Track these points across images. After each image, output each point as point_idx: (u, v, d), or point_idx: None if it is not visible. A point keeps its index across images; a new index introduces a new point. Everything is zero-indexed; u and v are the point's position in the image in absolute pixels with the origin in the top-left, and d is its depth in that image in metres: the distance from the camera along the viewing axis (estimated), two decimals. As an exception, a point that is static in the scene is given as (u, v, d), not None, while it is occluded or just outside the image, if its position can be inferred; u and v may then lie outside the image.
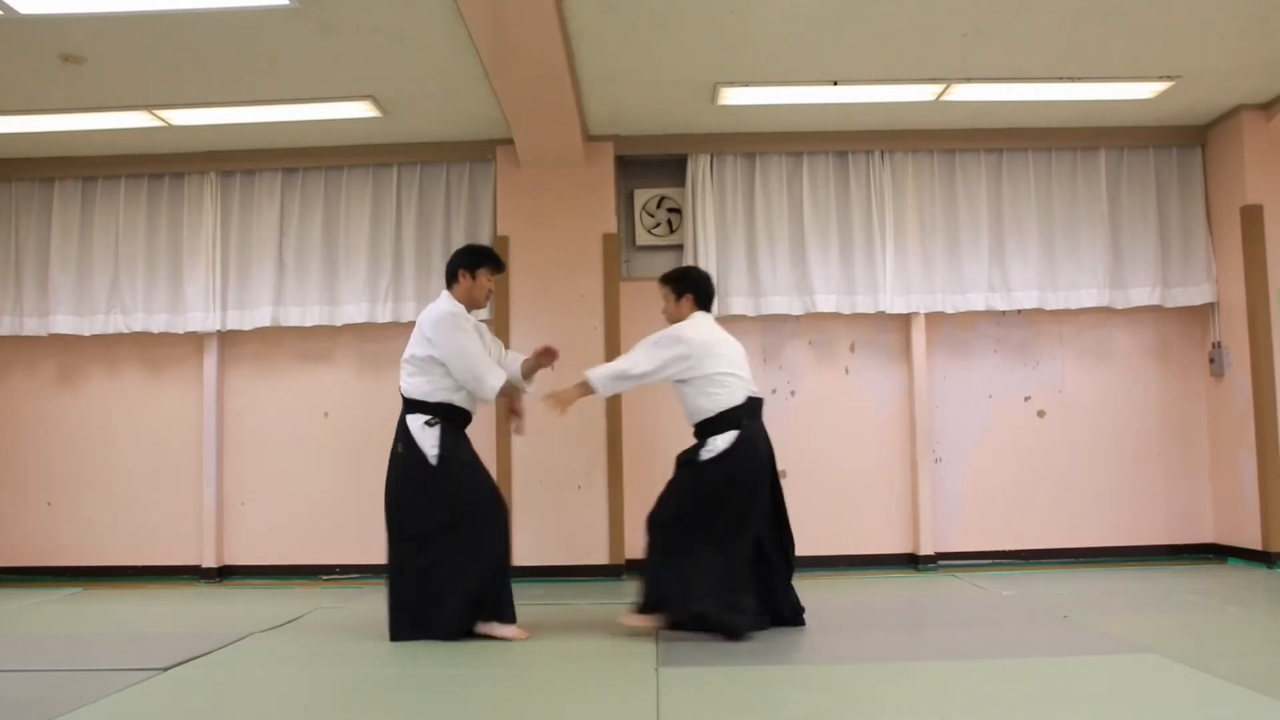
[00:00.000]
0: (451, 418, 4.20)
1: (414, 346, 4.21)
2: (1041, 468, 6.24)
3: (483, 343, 4.31)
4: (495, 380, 4.14)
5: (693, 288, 4.36)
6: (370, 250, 6.24)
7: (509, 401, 4.37)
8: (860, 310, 6.14)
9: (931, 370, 6.25)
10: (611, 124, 6.00)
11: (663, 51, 4.96)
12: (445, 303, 4.26)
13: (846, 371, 6.30)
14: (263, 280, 6.25)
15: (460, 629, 4.08)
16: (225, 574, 6.27)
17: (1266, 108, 5.86)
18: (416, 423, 4.15)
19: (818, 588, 5.41)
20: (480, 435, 4.62)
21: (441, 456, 4.10)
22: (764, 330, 6.28)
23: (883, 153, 6.22)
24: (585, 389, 4.20)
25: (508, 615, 4.13)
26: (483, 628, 4.11)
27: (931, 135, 6.17)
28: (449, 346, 4.13)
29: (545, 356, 4.32)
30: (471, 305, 4.32)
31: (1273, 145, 5.86)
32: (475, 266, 4.31)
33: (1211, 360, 6.20)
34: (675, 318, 4.32)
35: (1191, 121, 6.17)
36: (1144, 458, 6.27)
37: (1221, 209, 6.12)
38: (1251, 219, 5.86)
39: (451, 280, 4.32)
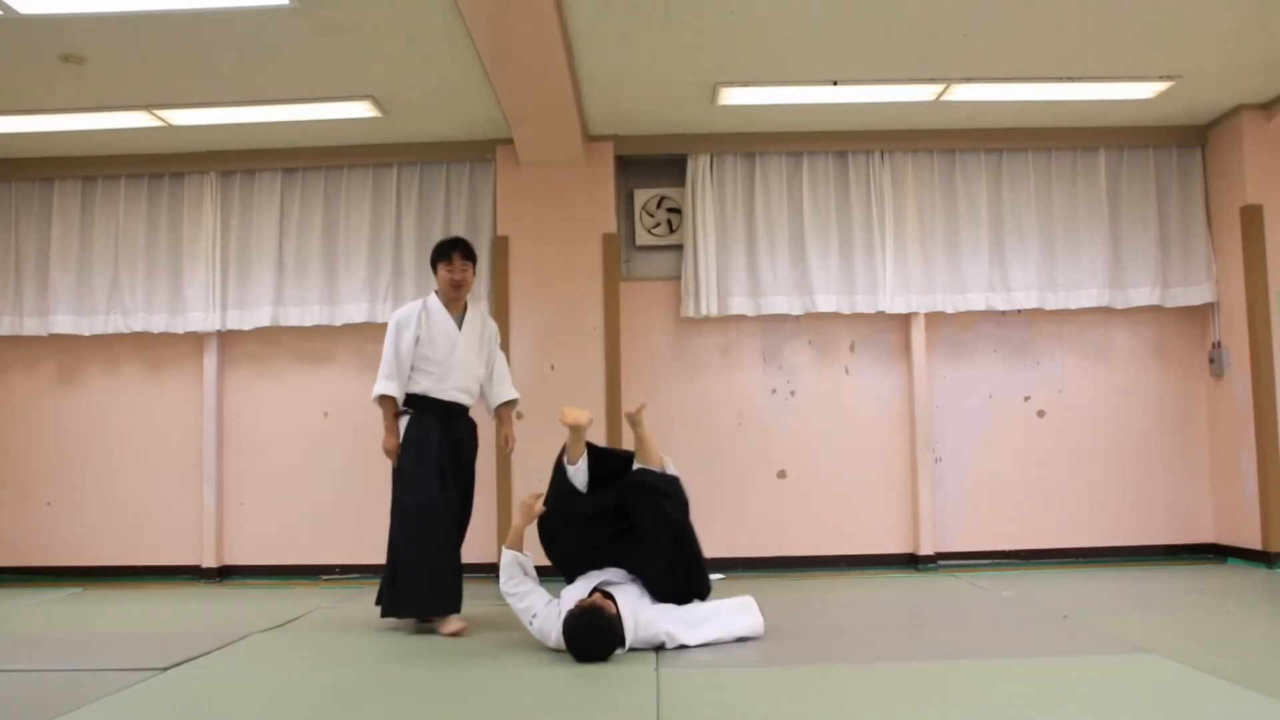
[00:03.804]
0: (426, 407, 4.45)
1: None
2: (1041, 468, 6.24)
3: (452, 342, 4.48)
4: (378, 388, 4.44)
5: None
6: (370, 250, 6.24)
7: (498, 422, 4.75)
8: (860, 310, 6.14)
9: (931, 370, 6.25)
10: (611, 124, 6.00)
11: (663, 51, 4.96)
12: (414, 302, 4.62)
13: (846, 371, 6.30)
14: (263, 280, 6.25)
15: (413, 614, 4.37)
16: (225, 574, 6.27)
17: (1266, 108, 5.86)
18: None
19: (818, 588, 5.41)
20: (483, 441, 4.66)
21: (402, 444, 4.41)
22: (764, 330, 6.28)
23: (883, 153, 6.22)
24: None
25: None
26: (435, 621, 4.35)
27: (931, 135, 6.17)
28: (386, 340, 4.49)
29: (506, 441, 4.70)
30: (444, 298, 4.55)
31: (1273, 145, 5.86)
32: (433, 262, 4.59)
33: (1211, 360, 6.20)
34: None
35: (1191, 121, 6.17)
36: (1144, 458, 6.27)
37: (1221, 209, 6.12)
38: (1251, 219, 5.86)
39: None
